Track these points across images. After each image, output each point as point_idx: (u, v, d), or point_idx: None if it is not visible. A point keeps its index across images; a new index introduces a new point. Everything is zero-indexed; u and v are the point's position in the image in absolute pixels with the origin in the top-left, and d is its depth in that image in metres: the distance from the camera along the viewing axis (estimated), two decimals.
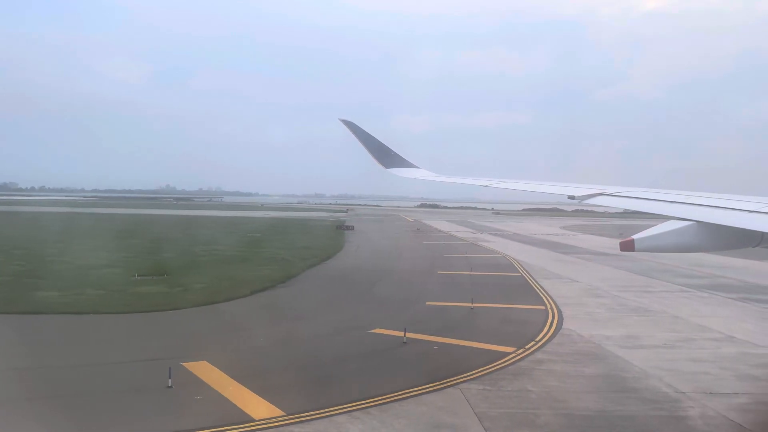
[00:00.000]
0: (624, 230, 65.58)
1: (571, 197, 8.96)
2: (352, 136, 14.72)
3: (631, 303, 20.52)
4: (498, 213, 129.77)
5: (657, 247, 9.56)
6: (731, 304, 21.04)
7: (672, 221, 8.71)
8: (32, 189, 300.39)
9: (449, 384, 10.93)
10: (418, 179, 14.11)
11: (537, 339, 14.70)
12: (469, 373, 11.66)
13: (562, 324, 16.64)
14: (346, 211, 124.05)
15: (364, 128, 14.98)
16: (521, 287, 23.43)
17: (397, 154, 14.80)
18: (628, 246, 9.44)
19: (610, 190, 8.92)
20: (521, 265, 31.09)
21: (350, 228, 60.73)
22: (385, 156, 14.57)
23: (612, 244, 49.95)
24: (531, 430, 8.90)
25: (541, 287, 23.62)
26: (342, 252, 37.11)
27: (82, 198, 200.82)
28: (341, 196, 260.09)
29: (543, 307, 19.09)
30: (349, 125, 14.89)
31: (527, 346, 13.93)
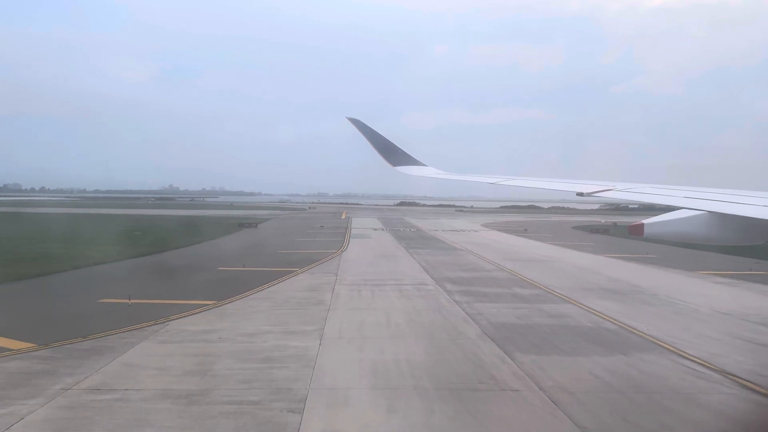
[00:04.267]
0: (530, 227, 66.45)
1: (580, 194, 8.87)
2: (360, 135, 14.66)
3: (320, 297, 20.04)
4: (462, 210, 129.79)
5: (665, 234, 9.51)
6: (413, 296, 20.55)
7: (683, 210, 8.65)
8: (32, 190, 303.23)
9: None
10: (426, 177, 14.00)
11: (91, 336, 14.21)
12: None
13: (169, 320, 16.07)
14: (308, 209, 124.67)
15: (372, 127, 14.96)
16: (255, 282, 22.92)
17: (405, 152, 14.69)
18: (637, 230, 9.56)
19: (620, 186, 8.80)
20: (328, 262, 30.70)
21: (253, 225, 60.78)
22: (393, 154, 14.47)
23: (491, 239, 49.61)
24: None
25: (283, 281, 23.32)
26: (173, 251, 36.58)
27: (66, 198, 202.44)
28: (345, 195, 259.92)
29: (212, 302, 18.62)
30: (356, 123, 14.83)
31: (53, 343, 13.38)
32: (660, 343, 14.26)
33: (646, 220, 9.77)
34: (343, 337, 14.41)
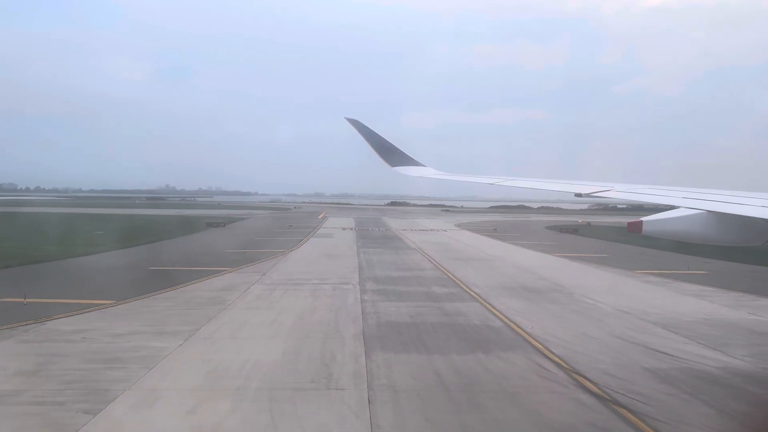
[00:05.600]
0: (504, 227, 66.47)
1: (578, 194, 8.98)
2: (358, 135, 14.60)
3: (226, 297, 19.82)
4: (448, 210, 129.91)
5: (664, 232, 9.48)
6: (324, 295, 20.42)
7: (682, 209, 8.64)
8: (27, 189, 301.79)
9: None
10: (424, 177, 13.97)
11: None
12: None
13: (49, 320, 15.77)
14: (293, 209, 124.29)
15: (371, 127, 14.93)
16: (175, 281, 22.71)
17: (403, 153, 14.63)
18: (635, 227, 9.50)
19: (618, 187, 8.85)
20: (268, 261, 30.53)
21: (221, 225, 60.62)
22: (391, 154, 14.40)
23: (452, 238, 49.41)
24: None
25: (202, 281, 23.13)
26: (119, 251, 36.11)
27: (57, 198, 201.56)
28: (343, 195, 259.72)
29: (110, 302, 18.36)
30: (355, 124, 14.77)
31: None
32: (532, 341, 14.12)
33: (645, 218, 9.72)
34: (212, 337, 14.21)
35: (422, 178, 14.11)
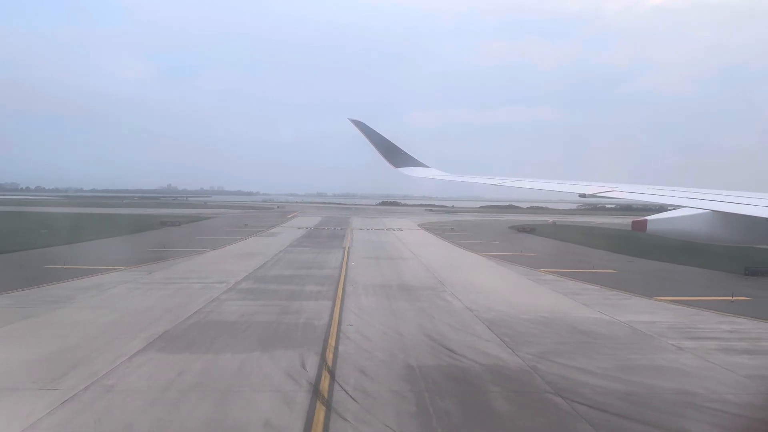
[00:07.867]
0: (467, 226, 66.20)
1: (582, 195, 9.09)
2: (362, 136, 14.58)
3: (78, 296, 19.54)
4: (432, 209, 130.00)
5: (668, 231, 9.52)
6: (183, 294, 20.10)
7: (686, 209, 8.70)
8: (27, 189, 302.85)
9: None
10: (428, 178, 13.91)
11: None
12: None
13: None
14: (275, 208, 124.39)
15: (374, 127, 14.90)
16: (51, 279, 22.42)
17: (407, 154, 14.61)
18: (640, 226, 9.50)
19: (622, 187, 8.93)
20: (178, 260, 30.31)
21: (176, 224, 60.44)
22: (394, 155, 14.40)
23: (394, 238, 49.10)
24: None
25: (80, 279, 22.89)
26: (40, 249, 35.77)
27: (51, 197, 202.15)
28: (345, 195, 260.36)
29: None
30: (359, 125, 14.75)
31: None
32: (331, 340, 13.95)
33: (650, 217, 9.65)
34: (2, 336, 13.91)
35: (426, 179, 13.98)
